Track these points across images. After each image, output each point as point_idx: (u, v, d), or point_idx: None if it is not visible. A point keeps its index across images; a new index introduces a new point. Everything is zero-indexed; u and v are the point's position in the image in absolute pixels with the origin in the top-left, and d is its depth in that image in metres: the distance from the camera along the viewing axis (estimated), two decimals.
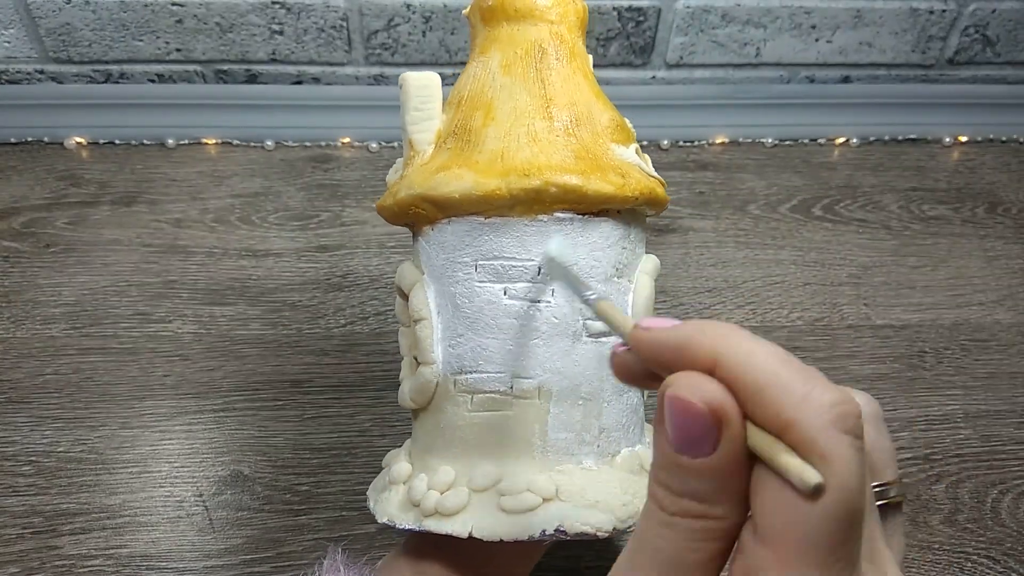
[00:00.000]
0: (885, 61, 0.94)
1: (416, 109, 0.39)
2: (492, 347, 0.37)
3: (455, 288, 0.38)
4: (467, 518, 0.36)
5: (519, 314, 0.37)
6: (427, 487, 0.37)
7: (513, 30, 0.40)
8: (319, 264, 0.72)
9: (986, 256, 0.77)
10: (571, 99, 0.39)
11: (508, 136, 0.37)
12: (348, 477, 0.57)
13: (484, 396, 0.38)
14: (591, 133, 0.39)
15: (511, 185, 0.36)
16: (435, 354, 0.38)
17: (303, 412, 0.61)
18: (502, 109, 0.38)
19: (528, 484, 0.36)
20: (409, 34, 0.87)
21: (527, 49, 0.39)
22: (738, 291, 0.72)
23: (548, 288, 0.37)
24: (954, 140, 0.91)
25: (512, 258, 0.37)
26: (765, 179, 0.84)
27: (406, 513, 0.38)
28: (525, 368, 0.37)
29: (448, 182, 0.36)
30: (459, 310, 0.38)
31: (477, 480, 0.37)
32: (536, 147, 0.37)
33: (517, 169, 0.36)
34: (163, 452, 0.58)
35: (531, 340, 0.37)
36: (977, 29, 0.91)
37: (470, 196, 0.36)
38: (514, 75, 0.39)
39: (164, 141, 0.85)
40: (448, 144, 0.38)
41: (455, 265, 0.38)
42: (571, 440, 0.38)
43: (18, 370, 0.62)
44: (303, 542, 0.53)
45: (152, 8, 0.83)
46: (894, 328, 0.70)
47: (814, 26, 0.89)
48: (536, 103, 0.38)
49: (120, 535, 0.53)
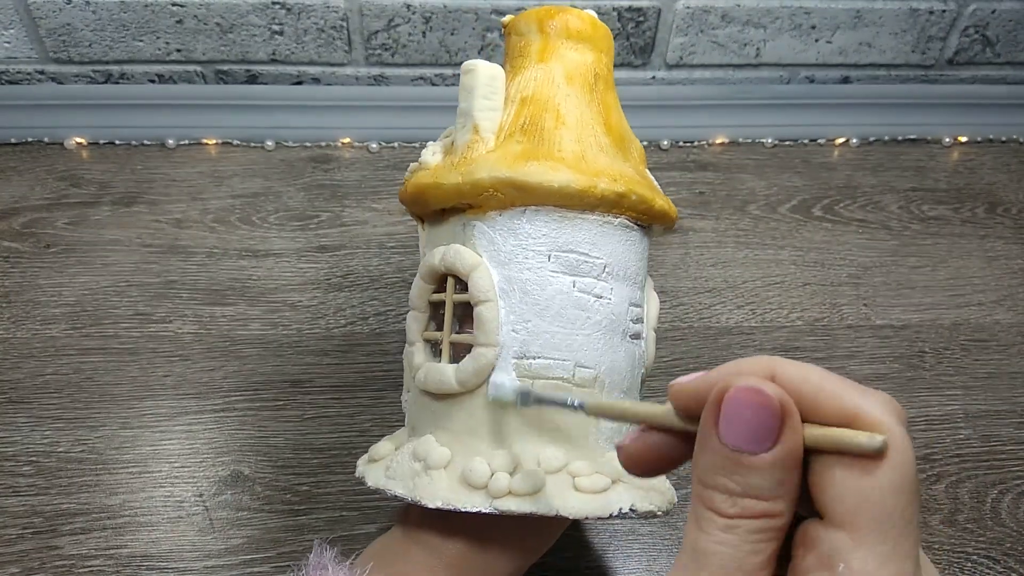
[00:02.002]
0: (885, 61, 0.94)
1: (485, 97, 0.41)
2: (559, 335, 0.39)
3: (525, 275, 0.39)
4: (548, 498, 0.37)
5: (585, 307, 0.40)
6: (490, 470, 0.38)
7: (572, 49, 0.43)
8: (319, 264, 0.72)
9: (986, 256, 0.77)
10: (618, 124, 0.43)
11: (582, 142, 0.40)
12: (348, 477, 0.57)
13: (546, 382, 0.39)
14: (638, 159, 0.44)
15: (602, 186, 0.39)
16: (498, 336, 0.39)
17: (303, 412, 0.61)
18: (570, 116, 0.41)
19: (597, 468, 0.38)
20: (409, 34, 0.87)
21: (584, 71, 0.43)
22: (738, 291, 0.72)
23: (608, 286, 0.40)
24: (954, 140, 0.91)
25: (585, 253, 0.40)
26: (765, 179, 0.84)
27: (468, 495, 0.37)
28: (587, 358, 0.40)
29: (545, 172, 0.38)
30: (528, 295, 0.39)
31: (549, 463, 0.38)
32: (608, 158, 0.40)
33: (604, 172, 0.39)
34: (163, 452, 0.58)
35: (594, 332, 0.40)
36: (977, 29, 0.91)
37: (567, 189, 0.38)
38: (576, 88, 0.42)
39: (164, 141, 0.85)
40: (518, 138, 0.40)
41: (527, 252, 0.39)
42: (615, 429, 0.40)
43: (18, 370, 0.63)
44: (303, 542, 0.53)
45: (152, 8, 0.83)
46: (894, 328, 0.70)
47: (814, 26, 0.89)
48: (598, 120, 0.42)
49: (120, 535, 0.53)
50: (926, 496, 0.57)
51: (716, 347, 0.67)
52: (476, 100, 0.41)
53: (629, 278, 0.41)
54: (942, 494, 0.58)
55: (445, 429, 0.41)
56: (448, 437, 0.40)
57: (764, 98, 0.93)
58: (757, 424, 0.23)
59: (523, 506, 0.36)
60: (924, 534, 0.55)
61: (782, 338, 0.68)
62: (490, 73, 0.41)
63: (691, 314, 0.70)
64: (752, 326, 0.69)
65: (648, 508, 0.38)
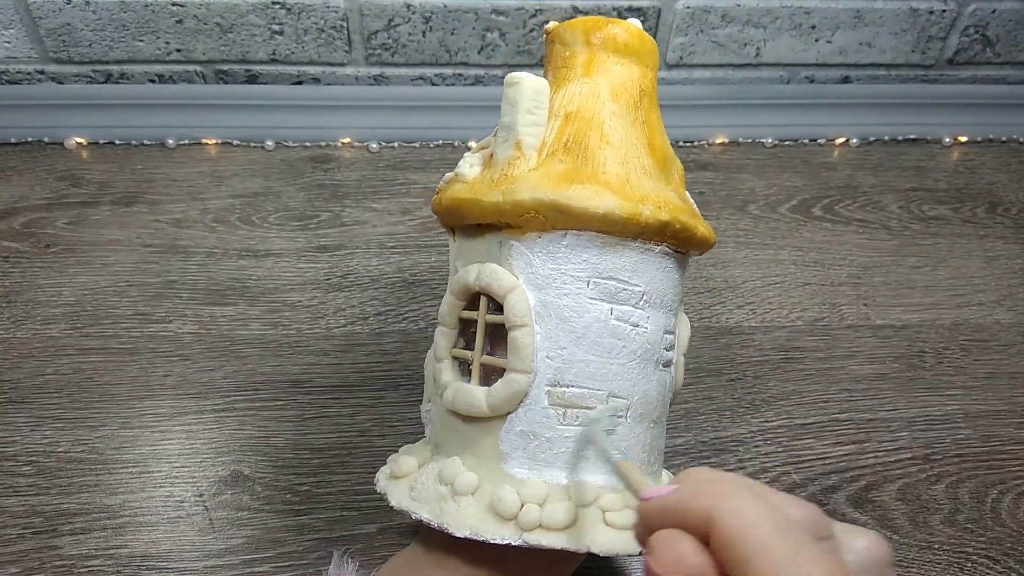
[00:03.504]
0: (885, 61, 0.94)
1: (529, 112, 0.39)
2: (595, 364, 0.38)
3: (563, 300, 0.38)
4: (579, 534, 0.36)
5: (622, 335, 0.39)
6: (520, 500, 0.36)
7: (618, 63, 0.42)
8: (319, 264, 0.72)
9: (986, 256, 0.77)
10: (662, 144, 0.42)
11: (625, 164, 0.39)
12: (348, 477, 0.57)
13: (579, 411, 0.38)
14: (679, 182, 0.43)
15: (647, 213, 0.37)
16: (533, 363, 0.38)
17: (303, 412, 0.61)
18: (615, 135, 0.40)
19: (626, 502, 0.37)
20: (409, 34, 0.87)
21: (630, 87, 0.41)
22: (738, 291, 0.72)
23: (645, 315, 0.39)
24: (954, 140, 0.91)
25: (625, 281, 0.39)
26: (765, 179, 0.84)
27: (497, 526, 0.36)
28: (620, 388, 0.39)
29: (590, 197, 0.37)
30: (565, 322, 0.38)
31: (580, 496, 0.37)
32: (652, 182, 0.39)
33: (648, 199, 0.38)
34: (163, 452, 0.58)
35: (629, 362, 0.39)
36: (977, 29, 0.91)
37: (611, 216, 0.37)
38: (621, 106, 0.41)
39: (164, 141, 0.85)
40: (560, 156, 0.39)
41: (566, 277, 0.38)
42: (642, 460, 0.40)
43: (18, 370, 0.62)
44: (303, 542, 0.53)
45: (152, 8, 0.83)
46: (894, 328, 0.70)
47: (814, 26, 0.89)
48: (642, 140, 0.40)
49: (120, 535, 0.53)
50: (926, 496, 0.57)
51: (716, 347, 0.67)
52: (520, 115, 0.39)
53: (665, 306, 0.40)
54: (942, 494, 0.58)
55: (472, 453, 0.39)
56: (475, 462, 0.39)
57: (764, 98, 0.93)
58: None
59: (554, 541, 0.36)
60: (924, 534, 0.55)
61: (782, 338, 0.68)
62: (535, 87, 0.39)
63: (691, 314, 0.69)
64: (752, 326, 0.69)
65: None
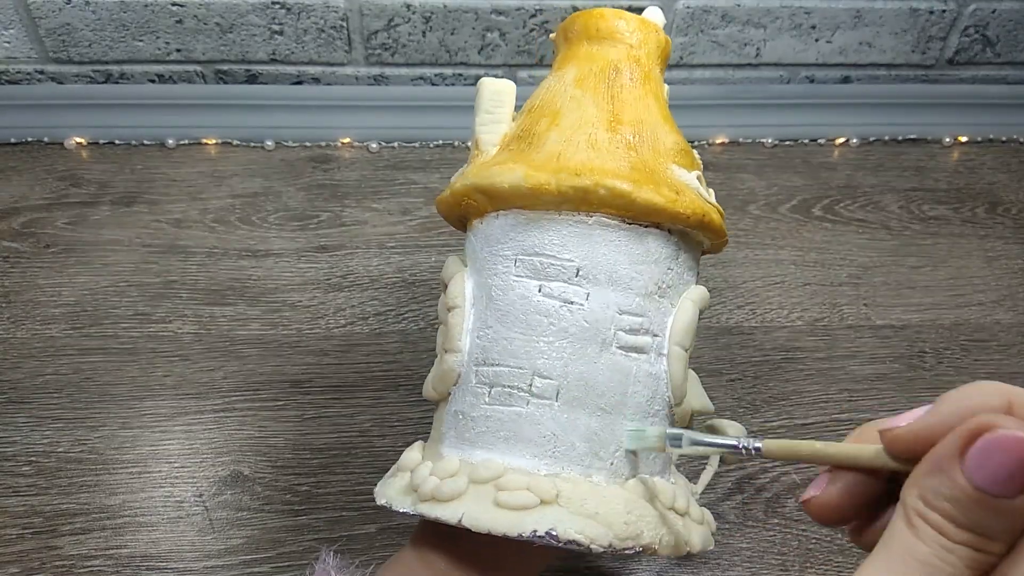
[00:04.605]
0: (885, 61, 0.93)
1: (487, 112, 0.41)
2: (518, 342, 0.37)
3: (492, 280, 0.38)
4: (460, 506, 0.35)
5: (549, 312, 0.37)
6: (430, 475, 0.37)
7: (592, 49, 0.41)
8: (319, 264, 0.72)
9: (986, 256, 0.77)
10: (637, 117, 0.40)
11: (568, 141, 0.38)
12: (348, 477, 0.57)
13: (502, 390, 0.37)
14: (652, 151, 0.39)
15: (560, 182, 0.36)
16: (462, 343, 0.39)
17: (303, 412, 0.61)
18: (568, 117, 0.39)
19: (528, 483, 0.35)
20: (409, 34, 0.87)
21: (602, 67, 0.41)
22: (738, 291, 0.72)
23: (583, 291, 0.37)
24: (954, 140, 0.91)
25: (552, 256, 0.37)
26: (765, 179, 0.84)
27: (405, 497, 0.38)
28: (547, 368, 0.37)
29: (500, 173, 0.37)
30: (492, 302, 0.38)
31: (479, 472, 0.36)
32: (593, 152, 0.38)
33: (569, 169, 0.37)
34: (163, 452, 0.58)
35: (558, 340, 0.37)
36: (977, 29, 0.91)
37: (519, 188, 0.37)
38: (585, 88, 0.40)
39: (164, 141, 0.84)
40: (511, 146, 0.40)
41: (495, 258, 0.38)
42: (584, 451, 0.37)
43: (18, 370, 0.63)
44: (303, 542, 0.53)
45: (152, 8, 0.83)
46: (894, 328, 0.70)
47: (814, 26, 0.89)
48: (602, 116, 0.39)
49: (120, 535, 0.53)
50: None
51: (716, 347, 0.67)
52: (478, 115, 0.41)
53: (616, 282, 0.38)
54: None
55: (431, 436, 0.41)
56: (429, 443, 0.41)
57: (764, 98, 0.93)
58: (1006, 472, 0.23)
59: (434, 511, 0.36)
60: None
61: (782, 338, 0.68)
62: (494, 88, 0.41)
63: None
64: (752, 326, 0.69)
65: (574, 537, 0.34)
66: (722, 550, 0.55)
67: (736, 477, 0.59)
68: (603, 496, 0.36)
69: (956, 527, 0.23)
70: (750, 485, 0.58)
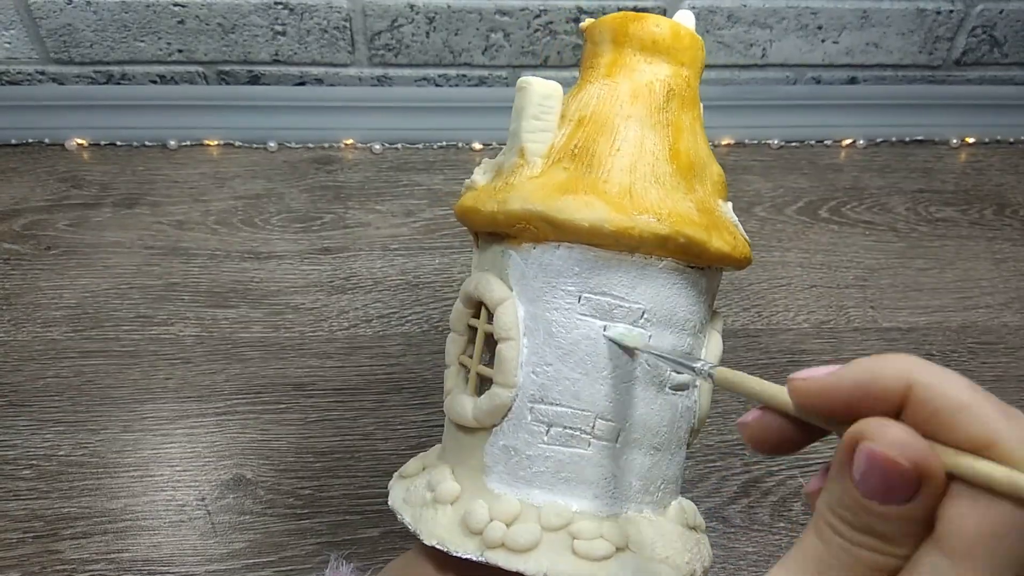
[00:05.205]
0: (892, 62, 0.93)
1: (535, 118, 0.38)
2: (581, 383, 0.36)
3: (552, 315, 0.37)
4: (540, 557, 0.35)
5: (614, 355, 0.37)
6: (489, 516, 0.36)
7: (644, 61, 0.39)
8: (322, 266, 0.72)
9: (994, 258, 0.77)
10: (692, 148, 0.39)
11: (634, 172, 0.37)
12: (351, 481, 0.56)
13: (563, 431, 0.37)
14: (704, 187, 0.39)
15: (642, 227, 0.35)
16: (516, 378, 0.37)
17: (306, 415, 0.60)
18: (627, 141, 0.37)
19: (602, 532, 0.35)
20: (413, 35, 0.86)
21: (656, 88, 0.39)
22: (743, 293, 0.72)
23: (646, 334, 0.37)
24: (961, 141, 0.90)
25: (620, 298, 0.36)
26: (771, 181, 0.84)
27: (463, 539, 0.36)
28: (610, 411, 0.37)
29: (579, 209, 0.35)
30: (552, 338, 0.37)
31: (550, 519, 0.36)
32: (662, 191, 0.36)
33: (648, 211, 0.35)
34: (165, 456, 0.58)
35: (621, 384, 0.37)
36: (984, 30, 0.91)
37: (600, 229, 0.35)
38: (641, 109, 0.38)
39: (166, 142, 0.84)
40: (565, 164, 0.37)
41: (556, 291, 0.37)
42: (638, 488, 0.38)
43: (19, 373, 0.62)
44: (306, 546, 0.53)
45: (154, 9, 0.83)
46: (901, 331, 0.69)
47: (820, 27, 0.89)
48: (661, 145, 0.38)
49: (122, 539, 0.53)
50: None
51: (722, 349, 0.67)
52: (524, 121, 0.38)
53: (675, 324, 0.38)
54: None
55: (461, 462, 0.39)
56: (462, 472, 0.39)
57: (770, 99, 0.92)
58: (890, 484, 0.23)
59: (512, 562, 0.35)
60: None
61: (788, 340, 0.68)
62: (544, 92, 0.38)
63: None
64: (758, 328, 0.69)
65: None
66: (728, 554, 0.55)
67: (742, 481, 0.58)
68: (664, 535, 0.37)
69: (855, 531, 0.23)
70: (756, 489, 0.58)
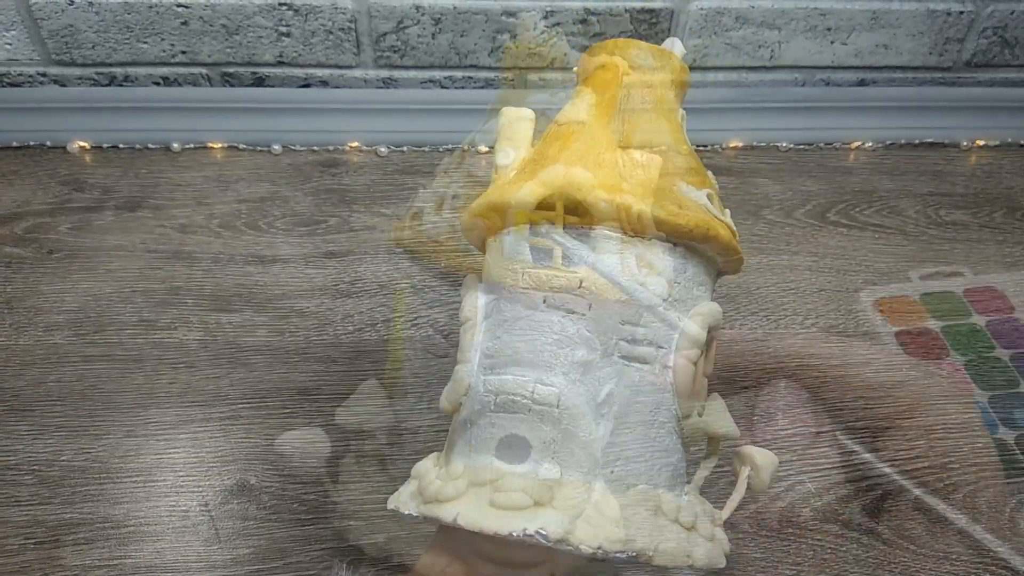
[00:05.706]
0: (902, 64, 0.93)
1: (506, 139, 0.43)
2: (522, 350, 0.38)
3: (502, 293, 0.40)
4: (456, 506, 0.36)
5: (553, 322, 0.38)
6: (436, 478, 0.39)
7: (607, 76, 0.43)
8: (327, 270, 0.72)
9: (1004, 261, 0.76)
10: (647, 141, 0.41)
11: (576, 162, 0.40)
12: (356, 487, 0.56)
13: (507, 397, 0.38)
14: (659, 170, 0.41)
15: (562, 195, 0.38)
16: (471, 354, 0.40)
17: (311, 421, 0.60)
18: (579, 141, 0.41)
19: (524, 486, 0.36)
20: (419, 36, 0.86)
21: (615, 93, 0.42)
22: (752, 297, 0.71)
23: (585, 302, 0.38)
24: (972, 144, 0.90)
25: (556, 268, 0.39)
26: (780, 183, 0.83)
27: (411, 502, 0.39)
28: (549, 376, 0.38)
29: (509, 191, 0.39)
30: (500, 313, 0.40)
31: (480, 475, 0.37)
32: (599, 170, 0.39)
33: (572, 184, 0.38)
34: (168, 461, 0.57)
35: (560, 349, 0.38)
36: (995, 31, 0.91)
37: (524, 202, 0.38)
38: (598, 113, 0.42)
39: (169, 145, 0.84)
40: (526, 169, 0.41)
41: (505, 272, 0.40)
42: (583, 457, 0.38)
43: (20, 378, 0.62)
44: (310, 553, 0.53)
45: (157, 10, 0.83)
46: (911, 335, 0.69)
47: (830, 28, 0.89)
48: (612, 138, 0.41)
49: (124, 546, 0.53)
50: (943, 506, 0.56)
51: (729, 354, 0.66)
52: (498, 141, 0.43)
53: (619, 293, 0.39)
54: (959, 504, 0.57)
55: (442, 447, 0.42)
56: (443, 452, 0.41)
57: (779, 101, 0.92)
58: None
59: (432, 510, 0.37)
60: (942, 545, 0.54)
61: (796, 345, 0.67)
62: (514, 116, 0.43)
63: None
64: (767, 332, 0.68)
65: (563, 537, 0.34)
66: (736, 560, 0.54)
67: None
68: (599, 501, 0.37)
69: None
70: (764, 494, 0.57)
